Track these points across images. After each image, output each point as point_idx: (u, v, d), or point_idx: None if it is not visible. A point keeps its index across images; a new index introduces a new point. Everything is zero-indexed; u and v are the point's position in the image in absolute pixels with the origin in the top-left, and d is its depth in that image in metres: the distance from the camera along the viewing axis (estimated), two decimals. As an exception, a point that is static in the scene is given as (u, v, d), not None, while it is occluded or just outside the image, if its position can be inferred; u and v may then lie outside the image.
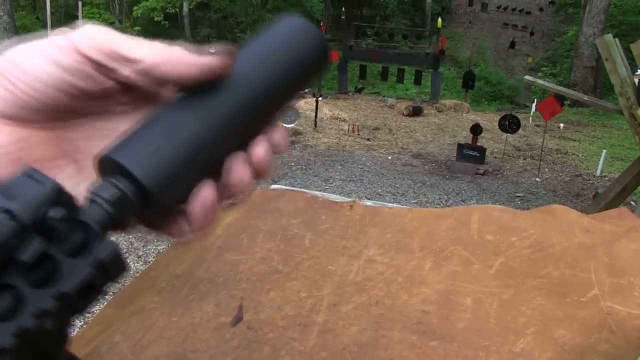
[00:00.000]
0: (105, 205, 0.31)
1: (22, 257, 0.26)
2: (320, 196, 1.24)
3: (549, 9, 29.47)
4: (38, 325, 0.27)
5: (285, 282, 0.98)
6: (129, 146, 0.33)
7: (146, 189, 0.32)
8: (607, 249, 1.00)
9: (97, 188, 0.32)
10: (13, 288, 0.27)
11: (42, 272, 0.28)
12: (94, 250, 0.29)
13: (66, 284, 0.28)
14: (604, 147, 9.66)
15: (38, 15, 18.25)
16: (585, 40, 16.97)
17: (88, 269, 0.29)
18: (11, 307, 0.26)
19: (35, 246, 0.27)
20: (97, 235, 0.30)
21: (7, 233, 0.26)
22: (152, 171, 0.32)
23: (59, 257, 0.28)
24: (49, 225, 0.27)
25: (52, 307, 0.27)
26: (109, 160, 0.32)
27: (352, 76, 16.88)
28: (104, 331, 0.89)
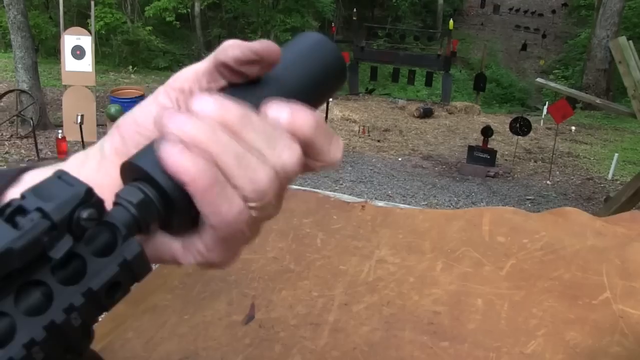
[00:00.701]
0: (131, 208, 0.32)
1: (52, 255, 0.27)
2: (332, 196, 1.25)
3: (562, 11, 29.31)
4: (67, 320, 0.28)
5: (296, 281, 0.99)
6: (151, 152, 0.33)
7: (167, 193, 0.33)
8: (620, 252, 1.00)
9: (123, 192, 0.33)
10: (44, 284, 0.28)
11: (71, 270, 0.29)
12: (120, 250, 0.30)
13: (94, 282, 0.29)
14: (616, 150, 9.59)
15: (51, 14, 18.37)
16: (598, 43, 16.86)
17: (115, 268, 0.30)
18: (42, 302, 0.27)
19: (64, 244, 0.28)
20: (124, 236, 0.31)
21: (39, 230, 0.27)
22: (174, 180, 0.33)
23: (87, 256, 0.29)
24: (79, 225, 0.28)
25: (80, 303, 0.28)
26: (133, 167, 0.33)
27: (363, 77, 16.88)
28: (117, 328, 0.90)
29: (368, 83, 17.01)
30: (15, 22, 8.66)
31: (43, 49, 17.02)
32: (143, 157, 0.33)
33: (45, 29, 17.21)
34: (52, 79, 12.74)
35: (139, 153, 0.34)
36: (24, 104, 8.72)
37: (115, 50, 18.53)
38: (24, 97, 8.73)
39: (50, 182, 0.29)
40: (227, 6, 20.98)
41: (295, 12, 19.21)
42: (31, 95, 8.69)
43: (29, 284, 0.28)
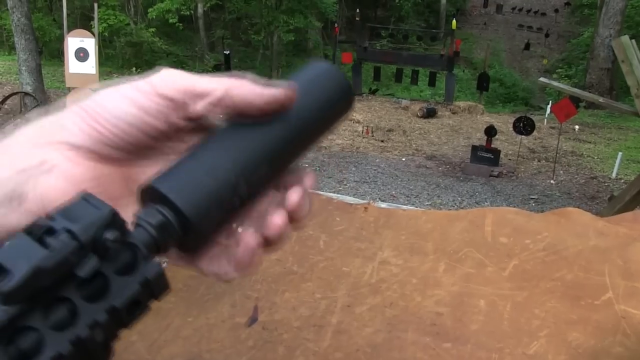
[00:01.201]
0: (151, 230, 0.34)
1: (79, 273, 0.29)
2: (335, 198, 1.25)
3: (565, 10, 29.24)
4: (91, 336, 0.29)
5: (299, 283, 0.99)
6: (170, 176, 0.36)
7: (186, 216, 0.35)
8: (622, 252, 1.00)
9: (144, 213, 0.35)
10: (70, 301, 0.29)
11: (96, 288, 0.30)
12: (142, 270, 0.32)
13: (117, 299, 0.31)
14: (620, 149, 9.57)
15: (54, 16, 18.42)
16: (601, 42, 16.82)
17: (136, 286, 0.31)
18: (68, 318, 0.29)
19: (91, 264, 0.30)
20: (144, 256, 0.32)
21: (68, 251, 0.29)
22: (191, 200, 0.35)
23: (110, 274, 0.31)
24: (104, 246, 0.30)
25: (104, 319, 0.30)
26: (153, 190, 0.35)
27: (366, 77, 16.87)
28: (121, 330, 0.91)
29: (371, 83, 17.00)
30: (19, 24, 8.70)
31: (47, 51, 17.07)
32: (162, 180, 0.36)
33: (49, 32, 17.27)
34: (56, 81, 12.78)
35: (159, 177, 0.36)
36: (28, 107, 8.75)
37: (118, 52, 18.58)
38: (27, 99, 8.77)
39: (77, 204, 0.31)
40: (230, 7, 21.00)
41: (298, 13, 19.22)
42: (35, 98, 8.73)
43: (56, 300, 0.29)
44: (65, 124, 0.37)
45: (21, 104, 8.74)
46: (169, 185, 0.35)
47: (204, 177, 0.36)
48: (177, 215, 0.35)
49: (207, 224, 0.36)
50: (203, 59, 20.47)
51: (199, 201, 0.35)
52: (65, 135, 0.37)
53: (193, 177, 0.36)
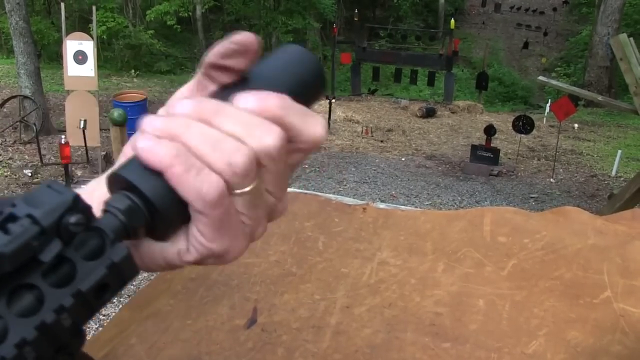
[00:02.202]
0: (119, 214, 0.33)
1: (42, 258, 0.29)
2: (334, 199, 1.25)
3: (563, 8, 29.24)
4: (57, 321, 0.29)
5: (298, 284, 0.99)
6: (133, 162, 0.35)
7: (151, 201, 0.34)
8: (620, 251, 1.00)
9: (111, 200, 0.34)
10: (35, 287, 0.29)
11: (62, 274, 0.30)
12: (109, 254, 0.32)
13: (83, 284, 0.30)
14: (619, 147, 9.57)
15: (53, 20, 18.40)
16: (599, 40, 16.82)
17: (103, 270, 0.31)
18: (33, 304, 0.29)
19: (53, 248, 0.30)
20: (112, 240, 0.32)
21: (29, 235, 0.29)
22: (154, 183, 0.34)
23: (76, 260, 0.31)
24: (67, 230, 0.30)
25: (70, 304, 0.30)
26: (118, 177, 0.35)
27: (366, 78, 16.88)
28: (120, 333, 0.91)
29: (370, 83, 17.00)
30: (17, 28, 8.70)
31: (45, 55, 17.06)
32: (126, 167, 0.35)
33: (48, 35, 17.24)
34: (55, 84, 12.78)
35: (123, 164, 0.36)
36: (27, 110, 8.75)
37: (117, 54, 18.57)
38: (26, 102, 8.77)
39: (40, 190, 0.31)
40: (228, 9, 21.01)
41: (297, 14, 19.21)
42: (34, 101, 8.73)
43: (21, 287, 0.29)
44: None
45: (20, 107, 8.74)
46: (132, 170, 0.35)
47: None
48: (144, 201, 0.34)
49: (172, 208, 0.35)
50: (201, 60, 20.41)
51: (163, 186, 0.34)
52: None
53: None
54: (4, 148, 8.32)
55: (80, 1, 18.38)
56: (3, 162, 7.70)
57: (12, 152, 8.18)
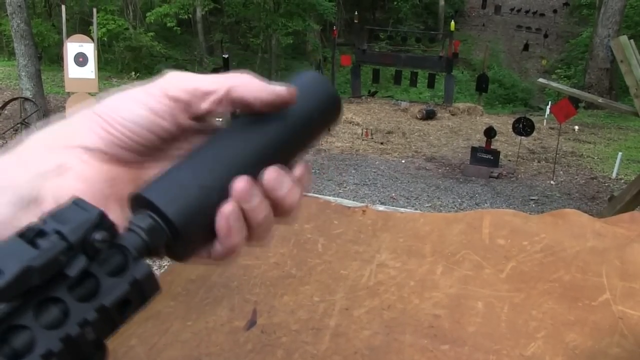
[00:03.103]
0: (142, 233, 0.35)
1: (68, 272, 0.31)
2: (333, 201, 1.25)
3: (563, 10, 29.27)
4: (81, 334, 0.31)
5: (298, 286, 0.99)
6: (159, 185, 0.38)
7: (173, 223, 0.36)
8: (619, 253, 1.00)
9: (135, 218, 0.36)
10: (61, 301, 0.31)
11: (86, 288, 0.32)
12: (131, 271, 0.33)
13: (106, 299, 0.32)
14: (620, 149, 9.57)
15: (53, 22, 18.43)
16: (600, 42, 16.82)
17: (125, 286, 0.33)
18: (59, 317, 0.30)
19: (80, 263, 0.31)
20: (134, 258, 0.34)
21: (57, 250, 0.30)
22: (178, 208, 0.37)
23: (101, 276, 0.32)
24: (93, 247, 0.32)
25: (94, 318, 0.31)
26: (142, 198, 0.37)
27: (366, 80, 16.90)
28: (120, 335, 0.91)
29: (370, 86, 17.03)
30: (18, 30, 8.72)
31: (46, 57, 17.08)
32: (155, 191, 0.37)
33: (48, 37, 17.28)
34: (55, 86, 12.79)
35: (151, 187, 0.38)
36: (28, 112, 8.76)
37: (117, 56, 18.60)
38: (27, 104, 8.78)
39: (67, 207, 0.32)
40: (228, 11, 21.03)
41: (297, 16, 19.23)
42: (35, 103, 8.74)
43: (48, 300, 0.30)
44: (79, 129, 0.39)
45: (21, 109, 8.75)
46: (157, 193, 0.37)
47: (191, 185, 0.38)
48: (165, 222, 0.36)
49: (193, 231, 0.37)
50: (202, 62, 20.49)
51: (186, 209, 0.37)
52: (80, 139, 0.39)
53: (181, 185, 0.38)
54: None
55: (80, 3, 18.42)
56: (3, 164, 7.70)
57: (13, 154, 8.18)
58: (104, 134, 0.39)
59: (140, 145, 0.40)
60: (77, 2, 18.48)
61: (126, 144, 0.39)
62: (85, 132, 0.39)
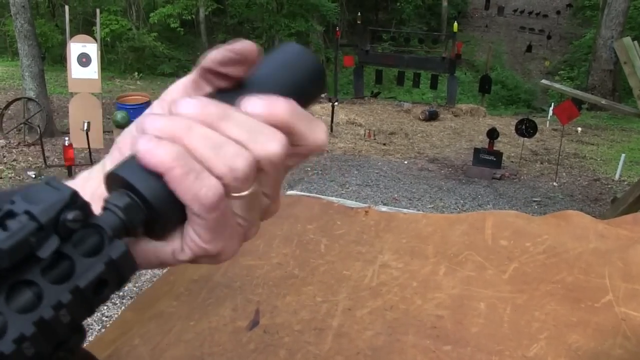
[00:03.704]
0: (118, 212, 0.34)
1: (40, 254, 0.29)
2: (336, 202, 1.25)
3: (566, 11, 29.22)
4: (55, 317, 0.30)
5: (301, 286, 0.99)
6: (131, 161, 0.36)
7: (148, 200, 0.35)
8: (622, 255, 1.00)
9: (110, 197, 0.35)
10: (34, 284, 0.30)
11: (60, 270, 0.31)
12: (107, 250, 0.32)
13: (81, 280, 0.31)
14: (623, 151, 9.54)
15: (57, 22, 18.47)
16: (603, 43, 16.79)
17: (101, 266, 0.32)
18: (32, 300, 0.29)
19: (51, 244, 0.30)
20: (110, 237, 0.32)
21: (27, 232, 0.29)
22: (152, 183, 0.35)
23: (75, 257, 0.31)
24: (65, 227, 0.31)
25: (68, 300, 0.30)
26: (115, 176, 0.35)
27: (368, 81, 16.88)
28: (123, 334, 0.91)
29: (373, 86, 17.02)
30: (22, 30, 8.73)
31: (49, 57, 17.11)
32: (124, 167, 0.35)
33: (52, 37, 17.32)
34: (59, 87, 12.82)
35: (121, 163, 0.36)
36: (31, 112, 8.78)
37: (120, 57, 18.62)
38: (31, 104, 8.79)
39: (38, 187, 0.31)
40: (231, 12, 21.04)
41: (300, 17, 19.24)
42: (38, 103, 8.75)
43: (20, 283, 0.30)
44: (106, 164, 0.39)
45: (24, 109, 8.76)
46: (131, 171, 0.35)
47: None
48: (142, 200, 0.34)
49: (169, 208, 0.35)
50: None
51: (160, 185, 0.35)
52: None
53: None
54: (8, 150, 8.34)
55: (84, 4, 18.45)
56: (7, 163, 7.72)
57: (17, 154, 8.20)
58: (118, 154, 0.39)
59: None
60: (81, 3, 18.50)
61: None
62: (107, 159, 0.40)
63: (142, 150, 0.34)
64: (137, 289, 4.33)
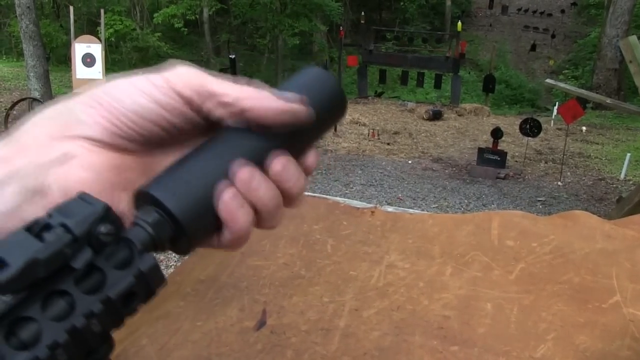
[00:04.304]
0: (147, 227, 0.35)
1: (74, 265, 0.31)
2: (342, 202, 1.25)
3: (571, 10, 29.14)
4: (87, 326, 0.31)
5: (307, 287, 1.00)
6: (163, 181, 0.38)
7: (177, 220, 0.37)
8: (630, 255, 1.00)
9: (141, 213, 0.37)
10: (68, 294, 0.31)
11: (93, 281, 0.32)
12: (137, 263, 0.34)
13: (112, 291, 0.32)
14: (628, 150, 9.52)
15: (61, 23, 18.52)
16: (608, 42, 16.74)
17: (131, 278, 0.33)
18: (65, 309, 0.31)
19: (85, 256, 0.32)
20: (139, 251, 0.34)
21: (62, 243, 0.31)
22: (182, 204, 0.37)
23: (107, 269, 0.33)
24: (99, 240, 0.32)
25: (99, 310, 0.32)
26: (146, 195, 0.37)
27: (372, 80, 16.90)
28: (130, 334, 0.92)
29: (377, 86, 17.03)
30: (27, 31, 8.77)
31: (54, 57, 17.17)
32: (158, 187, 0.37)
33: (56, 38, 17.39)
34: (63, 87, 12.86)
35: (154, 183, 0.38)
36: (36, 112, 8.82)
37: (125, 57, 18.68)
38: (35, 105, 8.83)
39: (73, 201, 0.33)
40: (235, 11, 21.06)
41: (303, 17, 19.25)
42: (43, 103, 8.80)
43: (55, 292, 0.31)
44: (81, 118, 0.38)
45: (29, 110, 8.80)
46: (160, 189, 0.37)
47: (194, 179, 0.38)
48: (170, 217, 0.36)
49: (197, 227, 0.38)
50: (209, 63, 20.52)
51: (189, 205, 0.37)
52: (83, 129, 0.37)
53: (184, 180, 0.38)
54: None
55: (88, 4, 18.50)
56: (12, 164, 7.75)
57: (21, 154, 8.23)
58: (107, 124, 0.38)
59: (145, 137, 0.39)
60: (85, 3, 18.56)
61: (130, 136, 0.38)
62: (88, 121, 0.37)
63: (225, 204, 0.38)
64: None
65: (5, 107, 9.74)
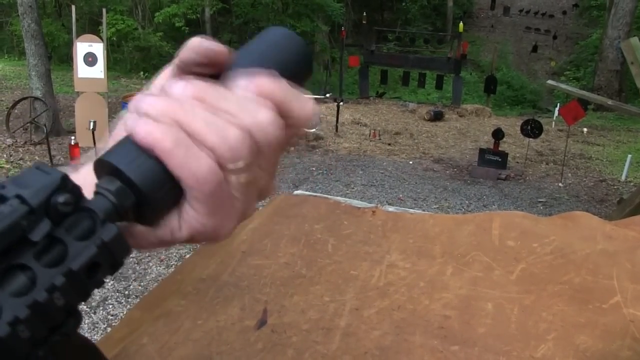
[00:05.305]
0: (109, 195, 0.34)
1: (32, 237, 0.30)
2: (343, 202, 1.26)
3: (573, 11, 29.11)
4: (50, 299, 0.30)
5: (308, 286, 1.00)
6: (121, 149, 0.36)
7: (137, 186, 0.35)
8: (630, 256, 1.00)
9: (102, 181, 0.35)
10: (28, 268, 0.30)
11: (53, 254, 0.31)
12: (99, 234, 0.32)
13: (74, 263, 0.31)
14: (629, 151, 9.51)
15: (63, 22, 18.52)
16: (610, 44, 16.73)
17: (93, 249, 0.32)
18: (26, 283, 0.30)
19: (43, 227, 0.30)
20: (102, 221, 0.33)
21: (17, 215, 0.29)
22: (141, 169, 0.35)
23: (68, 240, 0.31)
24: (57, 210, 0.31)
25: (62, 283, 0.30)
26: (105, 163, 0.36)
27: (374, 81, 16.89)
28: (131, 333, 0.92)
29: (378, 87, 17.01)
30: (29, 30, 8.77)
31: (56, 56, 17.18)
32: (111, 153, 0.36)
33: (58, 37, 17.39)
34: (65, 86, 12.87)
35: (110, 150, 0.36)
36: (38, 111, 8.82)
37: (126, 56, 18.69)
38: (37, 104, 8.83)
39: (28, 172, 0.32)
40: (237, 11, 21.06)
41: (305, 17, 19.25)
42: (44, 102, 8.79)
43: (14, 267, 0.30)
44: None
45: (31, 109, 8.80)
46: (118, 157, 0.35)
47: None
48: (130, 185, 0.35)
49: (157, 193, 0.36)
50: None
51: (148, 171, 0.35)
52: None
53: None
54: (14, 149, 8.38)
55: (90, 3, 18.50)
56: (14, 162, 7.75)
57: (23, 153, 8.24)
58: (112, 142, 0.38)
59: None
60: (87, 2, 18.56)
61: None
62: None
63: (143, 133, 0.35)
64: (142, 288, 4.35)
65: (6, 106, 9.75)
